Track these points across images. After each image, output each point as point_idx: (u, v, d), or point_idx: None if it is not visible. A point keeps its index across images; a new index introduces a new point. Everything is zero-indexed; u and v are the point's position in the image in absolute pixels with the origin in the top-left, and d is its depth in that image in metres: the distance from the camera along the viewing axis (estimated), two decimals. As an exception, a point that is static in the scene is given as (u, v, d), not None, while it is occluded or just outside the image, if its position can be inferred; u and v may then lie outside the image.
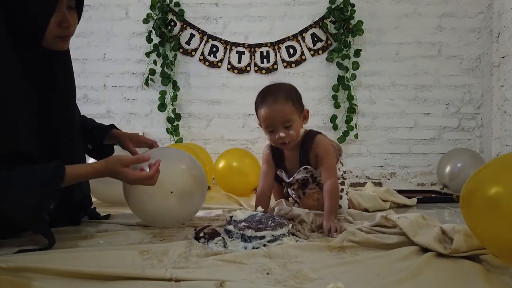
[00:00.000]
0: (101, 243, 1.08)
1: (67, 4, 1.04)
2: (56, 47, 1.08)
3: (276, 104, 1.32)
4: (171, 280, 0.80)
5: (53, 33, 1.04)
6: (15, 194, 0.95)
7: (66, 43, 1.10)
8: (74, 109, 1.22)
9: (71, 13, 1.06)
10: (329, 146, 1.41)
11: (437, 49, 2.66)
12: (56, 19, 1.03)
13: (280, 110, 1.32)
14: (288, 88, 1.38)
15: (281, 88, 1.37)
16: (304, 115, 1.39)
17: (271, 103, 1.33)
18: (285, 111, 1.32)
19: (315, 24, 2.67)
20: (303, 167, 1.42)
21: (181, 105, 2.71)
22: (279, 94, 1.34)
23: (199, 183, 1.22)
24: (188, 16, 2.70)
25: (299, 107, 1.36)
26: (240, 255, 0.95)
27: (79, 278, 0.80)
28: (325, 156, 1.38)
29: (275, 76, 2.66)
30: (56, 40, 1.06)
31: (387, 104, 2.68)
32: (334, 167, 1.39)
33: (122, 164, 1.08)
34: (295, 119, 1.34)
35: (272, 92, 1.36)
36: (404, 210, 1.73)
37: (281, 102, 1.32)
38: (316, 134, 1.42)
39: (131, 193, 1.16)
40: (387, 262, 0.93)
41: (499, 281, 0.82)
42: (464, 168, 2.23)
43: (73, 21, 1.08)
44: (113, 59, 2.73)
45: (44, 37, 1.03)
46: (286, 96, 1.33)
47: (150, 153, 1.19)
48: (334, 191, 1.33)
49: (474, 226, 0.88)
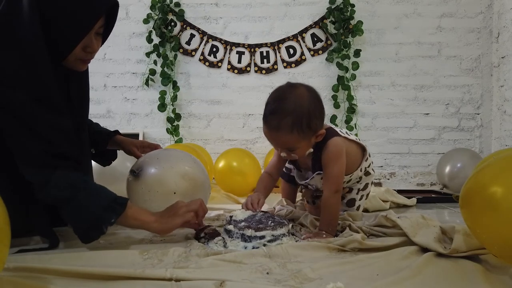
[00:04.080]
0: (101, 243, 1.08)
1: (96, 30, 1.05)
2: (75, 68, 1.09)
3: (278, 133, 1.15)
4: (171, 280, 0.80)
5: (77, 55, 1.05)
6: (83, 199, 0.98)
7: (86, 66, 1.12)
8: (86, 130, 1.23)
9: (97, 39, 1.07)
10: (338, 153, 1.24)
11: (437, 49, 2.66)
12: (82, 43, 1.04)
13: (281, 141, 1.18)
14: (300, 110, 1.14)
15: (290, 109, 1.14)
16: (317, 136, 1.21)
17: (274, 127, 1.15)
18: (287, 142, 1.17)
19: (315, 24, 2.67)
20: (316, 173, 1.30)
21: (181, 105, 2.71)
22: (284, 121, 1.13)
23: (202, 184, 1.23)
24: (188, 16, 2.70)
25: (309, 134, 1.17)
26: (240, 255, 0.95)
27: (79, 278, 0.80)
28: (327, 163, 1.23)
29: (275, 76, 2.66)
30: (77, 62, 1.07)
31: (387, 104, 2.68)
32: (335, 177, 1.23)
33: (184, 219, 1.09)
34: (300, 146, 1.19)
35: (276, 114, 1.15)
36: (404, 210, 1.73)
37: (284, 132, 1.14)
38: (330, 137, 1.25)
39: (135, 192, 1.16)
40: (387, 262, 0.93)
41: (499, 281, 0.82)
42: (463, 168, 2.23)
43: (98, 47, 1.09)
44: (113, 59, 2.73)
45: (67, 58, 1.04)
46: (293, 124, 1.13)
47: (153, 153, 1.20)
48: (330, 204, 1.20)
49: (474, 226, 0.89)
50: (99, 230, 0.99)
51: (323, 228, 1.18)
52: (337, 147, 1.24)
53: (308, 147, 1.22)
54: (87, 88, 1.20)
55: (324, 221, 1.20)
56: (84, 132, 1.21)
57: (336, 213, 1.22)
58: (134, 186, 1.16)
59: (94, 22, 1.02)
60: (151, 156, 1.21)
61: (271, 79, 2.66)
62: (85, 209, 0.98)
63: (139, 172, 1.13)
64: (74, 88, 1.13)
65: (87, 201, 0.98)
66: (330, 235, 1.15)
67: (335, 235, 1.18)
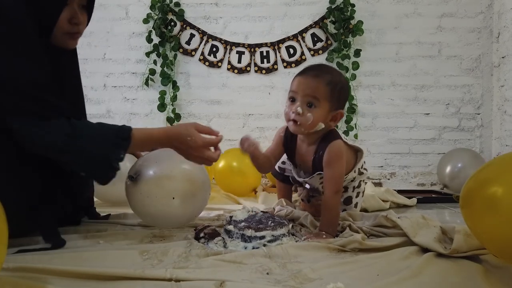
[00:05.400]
0: (101, 243, 1.08)
1: (78, 2, 1.07)
2: (64, 44, 1.09)
3: (316, 78, 1.21)
4: (171, 280, 0.80)
5: (63, 29, 1.06)
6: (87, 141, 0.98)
7: (75, 41, 1.12)
8: (85, 111, 1.23)
9: (82, 12, 1.09)
10: (340, 155, 1.25)
11: (437, 49, 2.66)
12: (66, 15, 1.05)
13: (314, 85, 1.20)
14: (338, 79, 1.25)
15: (334, 73, 1.26)
16: (335, 115, 1.24)
17: (312, 74, 1.22)
18: (318, 89, 1.19)
19: (315, 24, 2.67)
20: (317, 173, 1.30)
21: (181, 105, 2.71)
22: (326, 75, 1.22)
23: (202, 185, 1.20)
24: (188, 16, 2.70)
25: (334, 102, 1.22)
26: (240, 255, 0.95)
27: (79, 278, 0.80)
28: (329, 164, 1.24)
29: (275, 76, 2.66)
30: (65, 36, 1.08)
31: (387, 104, 2.68)
32: (335, 178, 1.24)
33: (196, 127, 1.09)
34: (322, 105, 1.20)
35: (322, 69, 1.26)
36: (404, 210, 1.73)
37: (321, 81, 1.20)
38: (333, 139, 1.26)
39: (133, 197, 1.15)
40: (387, 262, 0.93)
41: (499, 281, 0.82)
42: (464, 168, 2.23)
43: (83, 20, 1.11)
44: (113, 59, 2.73)
45: (53, 33, 1.05)
46: (330, 81, 1.21)
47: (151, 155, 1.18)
48: (330, 204, 1.21)
49: (474, 226, 0.89)
50: (112, 169, 1.00)
51: (324, 229, 1.18)
52: (338, 150, 1.25)
53: (324, 118, 1.22)
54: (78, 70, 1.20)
55: (324, 222, 1.20)
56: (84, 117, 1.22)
57: (336, 214, 1.23)
58: (132, 191, 1.15)
59: None
60: (149, 159, 1.18)
61: (271, 79, 2.65)
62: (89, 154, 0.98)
63: (137, 177, 1.12)
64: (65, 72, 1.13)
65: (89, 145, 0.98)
66: (331, 236, 1.15)
67: (335, 235, 1.18)
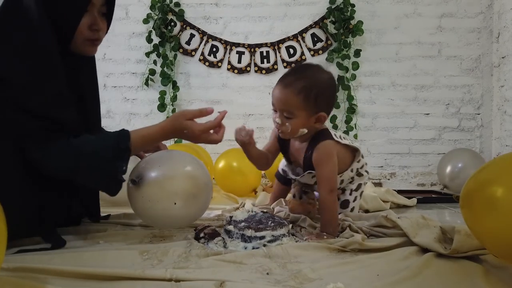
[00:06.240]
0: (101, 243, 1.08)
1: (98, 9, 1.08)
2: (84, 51, 1.10)
3: (286, 90, 1.18)
4: (171, 280, 0.80)
5: (83, 35, 1.06)
6: (89, 160, 1.01)
7: (95, 48, 1.12)
8: (100, 119, 1.24)
9: (102, 19, 1.10)
10: (328, 155, 1.25)
11: (437, 49, 2.66)
12: (87, 21, 1.06)
13: (284, 99, 1.19)
14: (313, 82, 1.19)
15: (309, 76, 1.20)
16: (317, 117, 1.22)
17: (284, 84, 1.20)
18: (289, 102, 1.18)
19: (315, 24, 2.67)
20: (307, 172, 1.31)
21: (181, 105, 2.71)
22: (297, 82, 1.18)
23: (204, 188, 1.18)
24: (188, 16, 2.70)
25: (313, 107, 1.19)
26: (240, 255, 0.95)
27: (79, 278, 0.80)
28: (318, 165, 1.24)
29: (275, 76, 2.66)
30: (86, 43, 1.08)
31: (387, 104, 2.68)
32: (327, 178, 1.23)
33: (185, 117, 1.11)
34: (299, 115, 1.19)
35: (297, 74, 1.21)
36: (404, 211, 1.73)
37: (292, 91, 1.18)
38: (323, 139, 1.26)
39: (135, 201, 1.14)
40: (387, 262, 0.93)
41: (499, 281, 0.82)
42: (464, 168, 2.23)
43: (103, 27, 1.11)
44: (113, 59, 2.73)
45: (73, 39, 1.06)
46: (302, 88, 1.17)
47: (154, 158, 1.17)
48: (327, 204, 1.21)
49: (474, 226, 0.88)
50: (117, 181, 1.04)
51: (324, 229, 1.18)
52: (327, 149, 1.25)
53: (304, 124, 1.22)
54: (97, 79, 1.21)
55: (324, 222, 1.20)
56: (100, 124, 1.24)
57: (334, 213, 1.22)
58: (134, 194, 1.13)
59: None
60: (151, 162, 1.15)
61: (271, 79, 2.65)
62: (95, 171, 1.02)
63: (139, 181, 1.11)
64: (86, 78, 1.15)
65: (93, 162, 1.01)
66: (331, 236, 1.15)
67: (336, 235, 1.17)
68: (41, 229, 1.05)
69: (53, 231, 1.06)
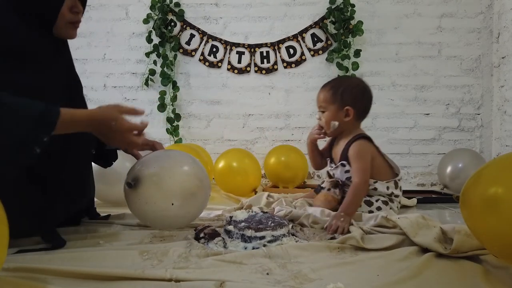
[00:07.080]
0: (101, 243, 1.08)
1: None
2: (67, 34, 1.14)
3: (322, 89, 1.54)
4: (171, 280, 0.80)
5: (65, 18, 1.10)
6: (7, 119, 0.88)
7: (75, 31, 1.16)
8: (85, 101, 1.26)
9: (79, 2, 1.14)
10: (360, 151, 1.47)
11: (437, 49, 2.66)
12: (67, 4, 1.10)
13: (320, 95, 1.53)
14: (343, 81, 1.57)
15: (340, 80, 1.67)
16: (345, 111, 1.50)
17: (322, 88, 1.55)
18: (321, 97, 1.53)
19: (315, 24, 2.67)
20: (340, 163, 1.52)
21: (181, 105, 2.71)
22: (330, 83, 1.54)
23: (201, 188, 1.17)
24: (188, 16, 2.70)
25: (339, 101, 1.49)
26: (240, 255, 0.95)
27: (79, 278, 0.80)
28: (353, 159, 1.47)
29: (275, 76, 2.66)
30: (68, 26, 1.12)
31: (387, 104, 2.68)
32: (362, 170, 1.43)
33: (119, 110, 1.08)
34: (328, 108, 1.51)
35: (334, 79, 1.59)
36: (404, 211, 1.73)
37: (325, 89, 1.53)
38: (360, 137, 1.51)
39: (132, 203, 1.14)
40: (387, 262, 0.93)
41: (499, 281, 0.82)
42: (465, 168, 2.22)
43: (82, 9, 1.16)
44: (113, 59, 2.73)
45: (56, 24, 1.09)
46: (333, 86, 1.52)
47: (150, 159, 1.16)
48: (357, 190, 1.37)
49: (474, 226, 0.88)
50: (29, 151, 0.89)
51: (343, 208, 1.29)
52: (360, 147, 1.49)
53: (334, 117, 1.51)
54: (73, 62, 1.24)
55: (347, 201, 1.33)
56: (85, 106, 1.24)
57: (359, 199, 1.39)
58: (131, 197, 1.13)
59: None
60: (147, 163, 1.14)
61: (271, 79, 2.66)
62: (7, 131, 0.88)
63: (135, 184, 1.11)
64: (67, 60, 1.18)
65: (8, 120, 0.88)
66: (348, 218, 1.23)
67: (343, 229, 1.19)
68: (41, 229, 1.05)
69: (53, 231, 1.07)
